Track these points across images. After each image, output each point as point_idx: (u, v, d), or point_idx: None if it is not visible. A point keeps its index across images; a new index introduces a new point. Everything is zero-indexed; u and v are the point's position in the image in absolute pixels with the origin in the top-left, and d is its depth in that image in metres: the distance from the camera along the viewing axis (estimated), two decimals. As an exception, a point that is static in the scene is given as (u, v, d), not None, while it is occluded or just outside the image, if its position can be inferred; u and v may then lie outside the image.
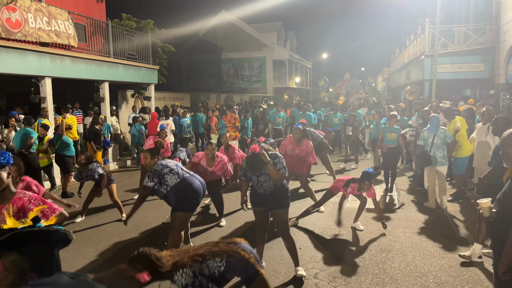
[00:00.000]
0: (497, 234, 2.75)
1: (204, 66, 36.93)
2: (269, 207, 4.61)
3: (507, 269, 2.67)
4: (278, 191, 4.53)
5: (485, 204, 2.82)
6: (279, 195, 4.53)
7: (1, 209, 3.10)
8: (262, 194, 4.56)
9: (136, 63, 14.05)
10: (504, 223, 2.65)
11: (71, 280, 0.72)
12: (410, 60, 21.73)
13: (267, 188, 4.51)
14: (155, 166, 4.76)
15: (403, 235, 5.83)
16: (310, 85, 48.42)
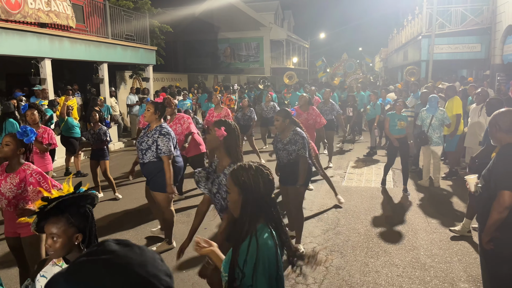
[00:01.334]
0: (482, 207, 2.98)
1: (200, 46, 36.59)
2: (285, 183, 4.80)
3: (490, 239, 2.90)
4: (292, 165, 4.66)
5: (472, 179, 3.03)
6: (294, 170, 4.63)
7: (6, 177, 3.31)
8: (279, 164, 4.81)
9: (134, 44, 14.06)
10: (488, 196, 2.87)
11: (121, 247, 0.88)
12: (408, 41, 21.75)
13: (281, 158, 4.73)
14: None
15: (398, 211, 6.08)
16: (308, 66, 48.23)
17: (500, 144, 2.90)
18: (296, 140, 4.59)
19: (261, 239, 1.84)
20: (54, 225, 1.88)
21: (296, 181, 4.64)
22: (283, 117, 4.70)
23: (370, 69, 35.77)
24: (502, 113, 2.87)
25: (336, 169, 8.96)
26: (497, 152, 2.92)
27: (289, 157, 4.64)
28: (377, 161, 9.76)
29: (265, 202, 1.93)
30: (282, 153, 4.69)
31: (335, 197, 6.50)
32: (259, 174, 1.93)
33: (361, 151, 10.94)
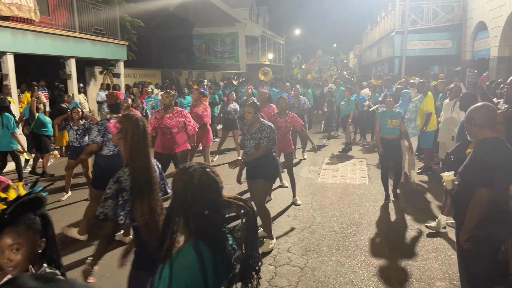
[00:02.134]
0: (459, 205, 2.88)
1: (174, 42, 35.99)
2: (251, 177, 4.69)
3: (468, 237, 2.81)
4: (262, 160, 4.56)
5: (448, 177, 2.93)
6: (262, 165, 4.58)
7: None
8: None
9: (104, 38, 13.59)
10: (465, 194, 2.77)
11: (41, 283, 0.68)
12: (381, 37, 21.96)
13: (248, 150, 4.61)
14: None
15: (373, 208, 6.01)
16: (283, 62, 48.20)
17: (476, 139, 2.81)
18: (263, 129, 4.57)
19: (178, 263, 1.53)
20: (12, 234, 1.59)
21: (264, 175, 4.60)
22: (255, 109, 4.63)
23: (344, 65, 36.05)
24: (477, 108, 2.77)
25: (311, 166, 8.86)
26: (473, 148, 2.83)
27: (256, 146, 4.58)
28: (352, 157, 9.72)
29: (197, 214, 1.58)
30: (249, 143, 4.59)
31: (292, 198, 6.38)
32: (192, 180, 1.60)
33: (337, 147, 10.90)
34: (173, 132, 5.98)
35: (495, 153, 2.65)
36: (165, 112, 6.11)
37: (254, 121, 4.64)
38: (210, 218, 1.61)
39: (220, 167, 8.73)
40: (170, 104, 6.12)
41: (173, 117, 6.03)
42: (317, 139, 12.30)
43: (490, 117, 2.68)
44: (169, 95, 6.14)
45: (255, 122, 4.64)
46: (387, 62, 21.94)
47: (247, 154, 4.66)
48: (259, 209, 4.65)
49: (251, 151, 4.60)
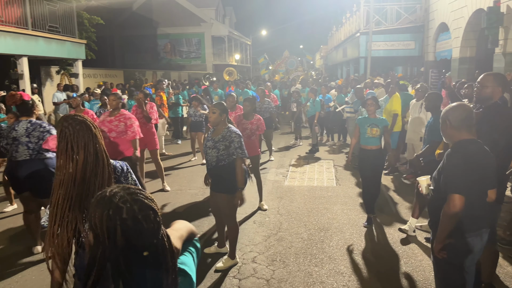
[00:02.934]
0: (434, 212, 2.68)
1: (139, 41, 35.12)
2: (214, 188, 4.28)
3: (442, 247, 2.62)
4: (222, 169, 4.12)
5: (424, 181, 2.73)
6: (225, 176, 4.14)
7: None
8: (208, 169, 4.24)
9: (60, 36, 12.87)
10: (439, 200, 2.58)
11: None
12: (346, 38, 22.12)
13: (210, 160, 4.17)
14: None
15: (341, 212, 5.83)
16: (250, 63, 48.04)
17: (452, 141, 2.62)
18: (231, 139, 4.06)
19: None
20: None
21: (228, 189, 4.15)
22: (220, 110, 4.16)
23: (311, 66, 36.28)
24: (452, 108, 2.58)
25: (278, 168, 8.63)
26: (447, 152, 2.64)
27: (219, 156, 4.08)
28: (319, 158, 9.57)
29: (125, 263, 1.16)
30: (212, 152, 4.11)
31: (259, 203, 6.11)
32: (120, 214, 1.15)
33: (304, 149, 10.75)
34: (111, 137, 5.47)
35: (471, 157, 2.47)
36: (109, 115, 5.70)
37: (218, 124, 4.18)
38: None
39: (184, 170, 8.36)
40: (116, 107, 5.69)
41: (113, 120, 5.57)
42: (285, 140, 12.11)
43: (466, 118, 2.49)
44: (116, 97, 5.72)
45: (219, 125, 4.19)
46: (353, 63, 22.14)
47: (208, 162, 4.24)
48: (230, 224, 4.32)
49: (212, 161, 4.15)
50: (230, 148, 4.04)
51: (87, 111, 7.33)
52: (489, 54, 10.56)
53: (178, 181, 7.54)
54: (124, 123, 5.60)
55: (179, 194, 6.85)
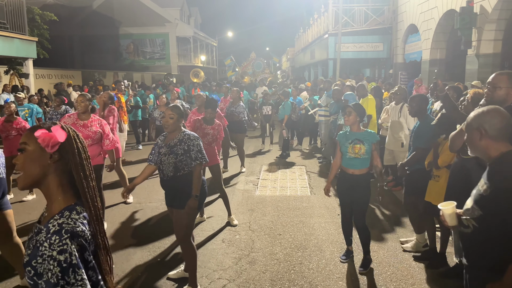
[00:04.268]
0: (484, 248, 2.02)
1: (100, 41, 33.68)
2: (172, 204, 3.67)
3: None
4: (180, 180, 3.57)
5: (449, 210, 2.11)
6: (182, 188, 3.57)
7: None
8: (161, 180, 3.65)
9: (7, 33, 11.71)
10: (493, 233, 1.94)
11: None
12: (314, 39, 21.82)
13: (165, 169, 3.56)
14: None
15: (318, 226, 5.28)
16: (217, 64, 47.31)
17: (485, 154, 2.03)
18: (191, 141, 3.56)
19: None
20: None
21: (182, 204, 3.55)
22: (178, 115, 3.59)
23: (277, 68, 35.97)
24: (488, 113, 1.99)
25: (248, 175, 8.02)
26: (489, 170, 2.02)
27: (177, 163, 3.51)
28: (291, 164, 9.04)
29: None
30: (168, 159, 3.51)
31: (227, 217, 5.48)
32: None
33: (274, 154, 10.20)
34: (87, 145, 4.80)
35: None
36: (78, 119, 4.96)
37: (174, 130, 3.61)
38: None
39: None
40: (86, 110, 4.98)
41: (88, 126, 4.91)
42: (254, 145, 11.53)
43: (506, 126, 1.94)
44: (85, 98, 4.98)
45: (175, 131, 3.62)
46: (321, 65, 21.88)
47: (162, 173, 3.61)
48: (184, 247, 3.68)
49: (168, 171, 3.55)
50: (191, 152, 3.52)
51: (19, 121, 6.36)
52: (460, 55, 10.41)
53: (136, 193, 6.77)
54: (101, 130, 4.97)
55: (138, 208, 6.10)
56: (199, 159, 3.57)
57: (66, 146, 1.55)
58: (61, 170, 1.56)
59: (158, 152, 3.63)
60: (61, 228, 1.41)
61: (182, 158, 3.52)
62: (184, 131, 3.66)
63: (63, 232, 1.40)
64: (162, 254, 4.51)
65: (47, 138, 1.52)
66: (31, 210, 6.02)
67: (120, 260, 4.34)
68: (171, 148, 3.53)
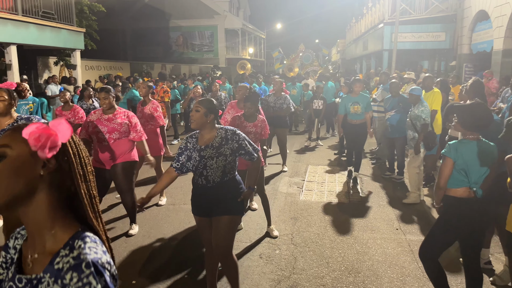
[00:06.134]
0: None
1: (151, 34, 34.21)
2: (210, 213, 3.09)
3: None
4: (226, 185, 3.03)
5: None
6: (228, 193, 3.05)
7: None
8: (203, 187, 3.03)
9: (54, 23, 11.72)
10: None
11: None
12: (368, 29, 20.59)
13: (209, 174, 2.98)
14: None
15: (373, 243, 4.49)
16: (264, 57, 46.67)
17: None
18: (237, 137, 3.00)
19: None
20: None
21: (225, 209, 3.03)
22: (207, 108, 2.97)
23: (327, 61, 34.77)
24: None
25: (292, 176, 7.32)
26: None
27: (226, 166, 2.96)
28: (341, 164, 8.22)
29: None
30: (216, 162, 2.94)
31: (267, 227, 4.82)
32: None
33: (324, 152, 9.42)
34: (112, 138, 4.45)
35: None
36: (103, 113, 4.55)
37: (203, 127, 2.99)
38: None
39: (180, 178, 7.03)
40: (111, 106, 4.54)
41: (113, 119, 4.49)
42: (299, 141, 10.78)
43: None
44: (107, 94, 4.53)
45: (205, 129, 3.00)
46: (374, 57, 20.61)
47: (207, 179, 3.00)
48: (225, 261, 3.11)
49: (216, 174, 2.96)
50: (245, 148, 3.00)
51: (75, 108, 6.18)
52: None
53: (170, 192, 6.29)
54: (127, 122, 4.54)
55: (172, 210, 5.60)
56: (256, 150, 3.08)
57: (67, 150, 1.05)
58: (56, 185, 1.05)
59: (198, 155, 3.00)
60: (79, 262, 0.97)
61: (231, 159, 2.99)
62: (221, 127, 3.06)
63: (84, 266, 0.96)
64: (193, 271, 3.93)
65: (43, 135, 0.98)
66: None
67: (141, 271, 3.82)
68: (217, 150, 2.95)
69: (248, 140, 3.07)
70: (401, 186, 6.65)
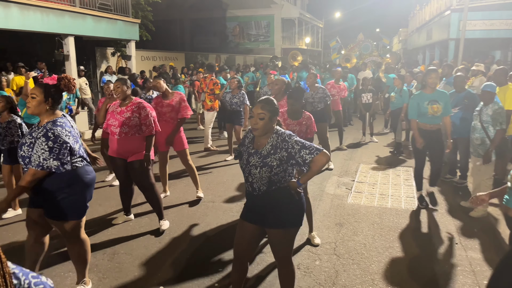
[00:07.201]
0: None
1: (208, 24, 34.59)
2: (262, 222, 2.80)
3: None
4: (275, 195, 2.71)
5: None
6: (278, 204, 2.72)
7: None
8: (250, 194, 2.80)
9: (110, 14, 11.94)
10: None
11: None
12: (433, 17, 19.20)
13: (255, 181, 2.70)
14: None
15: (428, 259, 3.97)
16: (321, 47, 45.57)
17: None
18: (287, 143, 2.64)
19: None
20: None
21: (285, 221, 2.73)
22: (271, 112, 2.67)
23: (387, 51, 33.18)
24: None
25: (341, 176, 6.85)
26: None
27: (272, 177, 2.65)
28: (395, 163, 7.61)
29: None
30: (260, 172, 2.65)
31: (308, 233, 4.43)
32: None
33: (377, 149, 8.81)
34: (122, 132, 4.29)
35: None
36: (119, 105, 4.42)
37: (267, 133, 2.70)
38: None
39: (223, 172, 6.79)
40: (124, 96, 4.38)
41: (124, 111, 4.34)
42: (353, 136, 10.20)
43: None
44: (121, 83, 4.37)
45: (267, 133, 2.70)
46: (439, 46, 19.20)
47: (251, 186, 2.73)
48: (283, 269, 2.91)
49: (260, 183, 2.68)
50: (295, 157, 2.61)
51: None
52: None
53: (212, 188, 6.09)
54: (138, 115, 4.32)
55: (210, 208, 5.38)
56: (313, 152, 2.57)
57: None
58: None
59: (245, 160, 2.75)
60: None
61: (279, 171, 2.65)
62: (276, 131, 2.72)
63: None
64: (223, 278, 3.68)
65: None
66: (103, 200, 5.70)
67: (169, 275, 3.62)
68: (263, 159, 2.64)
69: (301, 144, 2.61)
70: (463, 192, 5.97)
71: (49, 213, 3.06)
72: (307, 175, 2.68)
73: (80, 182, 3.08)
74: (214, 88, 8.80)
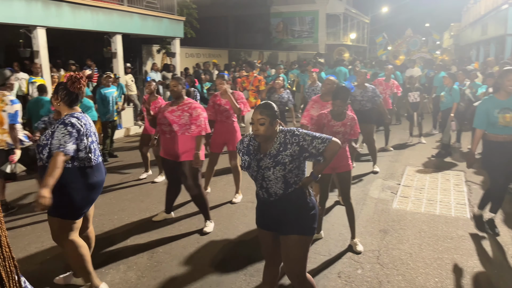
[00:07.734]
0: None
1: (252, 21, 34.67)
2: (277, 228, 2.71)
3: None
4: (292, 198, 2.62)
5: None
6: (295, 208, 2.63)
7: None
8: (265, 201, 2.69)
9: (156, 12, 12.18)
10: None
11: None
12: (488, 11, 18.12)
13: (270, 186, 2.60)
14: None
15: (480, 273, 3.69)
16: (367, 42, 44.39)
17: None
18: (295, 136, 2.56)
19: None
20: None
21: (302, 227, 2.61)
22: (270, 117, 2.56)
23: (436, 47, 31.77)
24: None
25: (386, 179, 6.57)
26: None
27: (286, 175, 2.55)
28: (445, 167, 7.21)
29: None
30: (274, 173, 2.55)
31: (350, 239, 4.24)
32: None
33: (425, 151, 8.40)
34: (173, 131, 4.32)
35: None
36: (171, 104, 4.45)
37: (269, 137, 2.59)
38: None
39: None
40: (179, 95, 4.40)
41: (175, 110, 4.36)
42: (399, 136, 9.80)
43: None
44: (178, 82, 4.39)
45: (271, 136, 2.60)
46: (495, 42, 18.10)
47: (268, 192, 2.62)
48: (299, 285, 2.73)
49: (277, 186, 2.57)
50: (309, 149, 2.54)
51: (159, 100, 6.21)
52: None
53: (252, 188, 6.01)
54: (188, 114, 4.33)
55: (250, 209, 5.32)
56: (325, 141, 2.53)
57: None
58: None
59: (255, 165, 2.64)
60: None
61: (292, 167, 2.55)
62: (281, 130, 2.63)
63: None
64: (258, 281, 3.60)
65: None
66: (145, 196, 5.79)
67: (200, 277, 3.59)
68: (274, 158, 2.55)
69: (311, 135, 2.54)
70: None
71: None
72: (321, 165, 2.61)
73: (81, 182, 3.06)
74: (260, 84, 8.71)
